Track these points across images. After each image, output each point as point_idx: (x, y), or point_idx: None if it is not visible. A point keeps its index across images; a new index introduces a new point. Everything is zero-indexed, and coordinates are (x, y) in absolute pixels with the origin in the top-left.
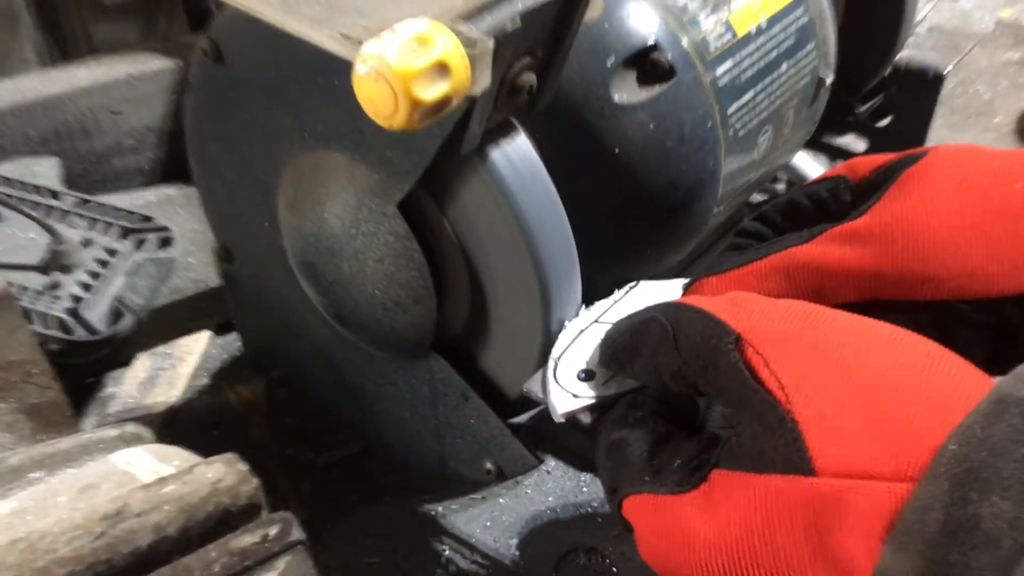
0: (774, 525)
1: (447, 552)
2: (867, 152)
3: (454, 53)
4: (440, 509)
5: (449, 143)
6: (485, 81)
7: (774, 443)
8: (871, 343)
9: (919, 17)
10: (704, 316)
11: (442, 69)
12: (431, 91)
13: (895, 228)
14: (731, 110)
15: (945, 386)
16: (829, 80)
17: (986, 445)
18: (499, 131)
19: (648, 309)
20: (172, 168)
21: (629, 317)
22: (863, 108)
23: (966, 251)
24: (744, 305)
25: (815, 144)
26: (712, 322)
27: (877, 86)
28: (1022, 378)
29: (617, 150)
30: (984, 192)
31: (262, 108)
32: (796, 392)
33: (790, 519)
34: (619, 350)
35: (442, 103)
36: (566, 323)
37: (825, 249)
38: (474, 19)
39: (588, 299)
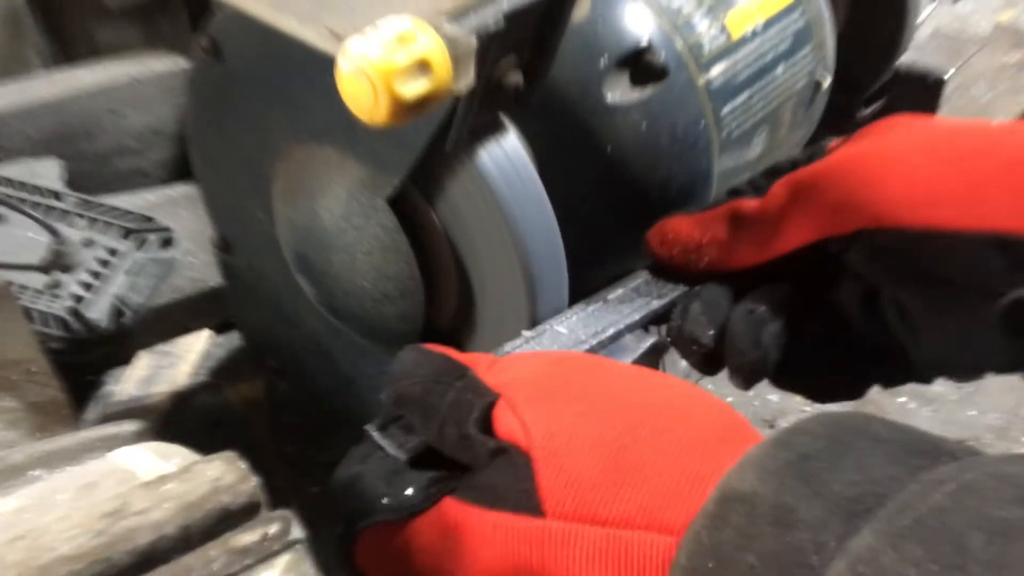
0: (498, 564)
1: None
2: None
3: (436, 51)
4: None
5: (437, 139)
6: (468, 79)
7: (507, 480)
8: (628, 386)
9: (919, 20)
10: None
11: (423, 67)
12: (412, 88)
13: (828, 167)
14: (725, 111)
15: (694, 431)
16: (827, 83)
17: (713, 554)
18: (487, 128)
19: (444, 369)
20: (174, 169)
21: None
22: (865, 112)
23: (885, 178)
24: (508, 361)
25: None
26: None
27: (879, 90)
28: (747, 466)
29: (609, 149)
30: (922, 138)
31: (258, 102)
32: (538, 430)
33: (515, 559)
34: (409, 406)
35: (424, 100)
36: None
37: (770, 195)
38: (458, 18)
39: (580, 298)
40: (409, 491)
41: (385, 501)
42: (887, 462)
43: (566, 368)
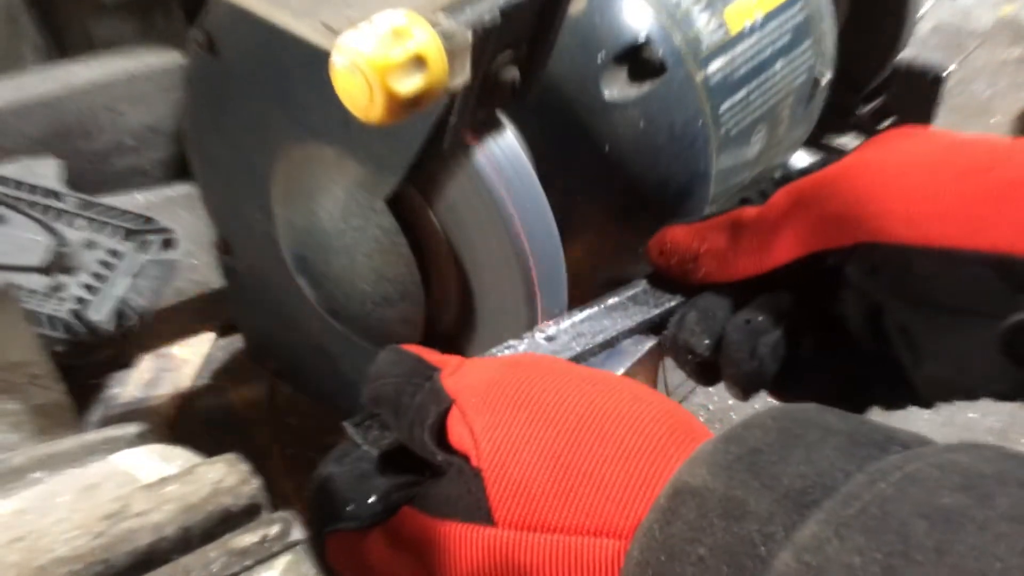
0: (454, 574)
1: None
2: None
3: (431, 46)
4: None
5: (434, 138)
6: (464, 75)
7: (459, 490)
8: (577, 391)
9: (920, 14)
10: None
11: (419, 62)
12: (407, 84)
13: (828, 177)
14: (723, 108)
15: (640, 435)
16: (826, 79)
17: (664, 548)
18: (484, 125)
19: (416, 370)
20: (174, 168)
21: (396, 366)
22: (865, 109)
23: (885, 192)
24: (466, 367)
25: (816, 144)
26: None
27: (879, 86)
28: (698, 461)
29: (607, 147)
30: (923, 153)
31: (255, 100)
32: (486, 440)
33: (469, 568)
34: (383, 405)
35: (419, 96)
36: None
37: (770, 204)
38: (454, 12)
39: (578, 297)
40: (371, 499)
41: (349, 509)
42: (836, 454)
43: (517, 373)
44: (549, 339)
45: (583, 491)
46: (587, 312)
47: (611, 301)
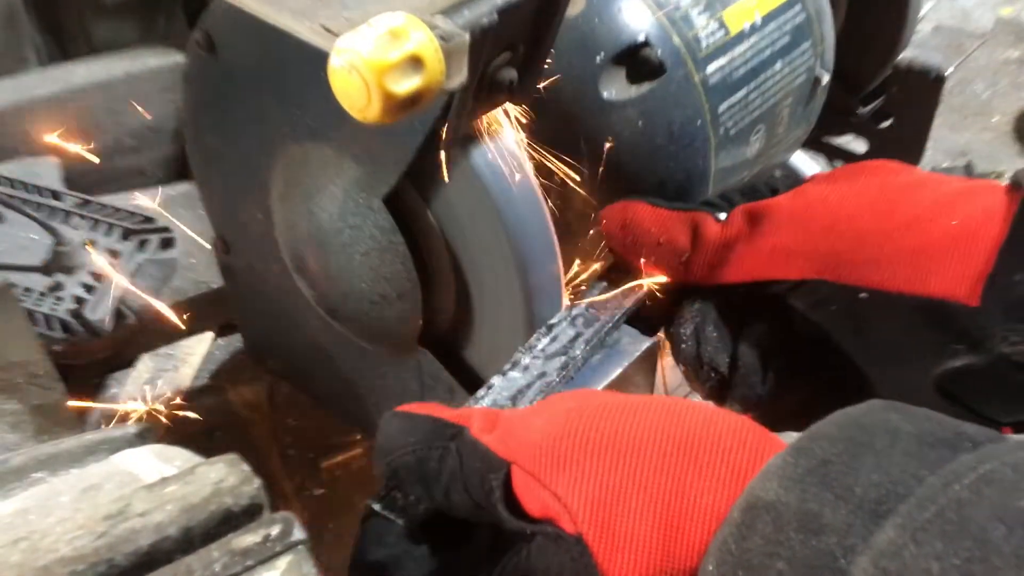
0: None
1: None
2: (867, 153)
3: (428, 47)
4: None
5: (432, 137)
6: (461, 76)
7: (558, 559)
8: (647, 424)
9: (920, 15)
10: (480, 451)
11: (415, 63)
12: (404, 84)
13: (782, 209)
14: (722, 108)
15: (725, 458)
16: (826, 79)
17: (741, 562)
18: (482, 126)
19: (435, 433)
20: (173, 168)
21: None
22: (865, 109)
23: (835, 233)
24: (509, 424)
25: (815, 144)
26: (486, 458)
27: (879, 86)
28: (769, 475)
29: (606, 147)
30: (877, 195)
31: (254, 99)
32: (576, 500)
33: None
34: (406, 478)
35: (416, 97)
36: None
37: (728, 222)
38: (451, 14)
39: (575, 297)
40: None
41: None
42: (907, 459)
43: (581, 421)
44: (524, 370)
45: (688, 528)
46: (554, 332)
47: (573, 312)
